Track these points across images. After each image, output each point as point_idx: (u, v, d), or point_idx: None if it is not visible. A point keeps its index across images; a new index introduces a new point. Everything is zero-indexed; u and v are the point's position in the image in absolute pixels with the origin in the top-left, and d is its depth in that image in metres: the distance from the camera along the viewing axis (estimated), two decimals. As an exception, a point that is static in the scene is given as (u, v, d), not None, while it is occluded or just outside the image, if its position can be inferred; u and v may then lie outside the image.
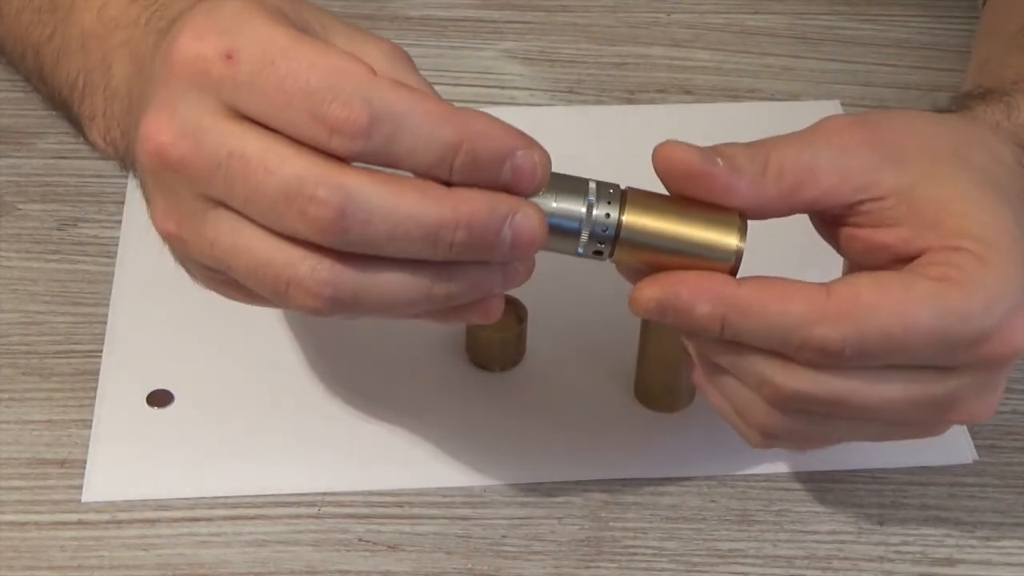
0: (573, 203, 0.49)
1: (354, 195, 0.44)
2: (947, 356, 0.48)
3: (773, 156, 0.50)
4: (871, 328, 0.47)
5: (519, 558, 0.56)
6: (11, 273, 0.66)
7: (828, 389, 0.49)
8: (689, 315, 0.49)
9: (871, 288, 0.48)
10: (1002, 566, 0.57)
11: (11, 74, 0.72)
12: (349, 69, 0.45)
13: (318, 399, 0.61)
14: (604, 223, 0.49)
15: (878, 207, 0.50)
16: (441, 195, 0.45)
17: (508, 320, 0.63)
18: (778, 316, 0.48)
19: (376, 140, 0.45)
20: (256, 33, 0.46)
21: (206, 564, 0.55)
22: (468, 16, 0.82)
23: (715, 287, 0.48)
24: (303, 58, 0.45)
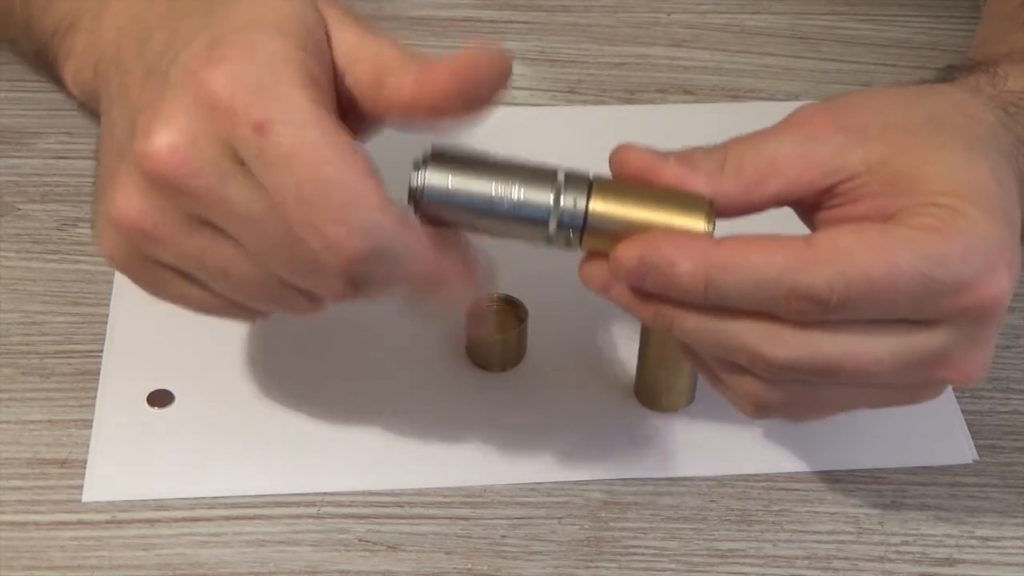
0: (541, 193, 0.49)
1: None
2: (930, 305, 0.48)
3: (731, 152, 0.50)
4: (854, 272, 0.47)
5: (519, 558, 0.56)
6: (11, 273, 0.66)
7: (819, 353, 0.48)
8: (671, 273, 0.48)
9: (851, 235, 0.48)
10: (1002, 566, 0.57)
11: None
12: (364, 194, 0.46)
13: (318, 399, 0.61)
14: (572, 212, 0.49)
15: (851, 186, 0.50)
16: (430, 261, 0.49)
17: (508, 320, 0.63)
18: (762, 268, 0.47)
19: (363, 270, 0.47)
20: (291, 111, 0.46)
21: (206, 564, 0.55)
22: (468, 16, 0.82)
23: (697, 243, 0.48)
24: (327, 166, 0.46)
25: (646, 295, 0.49)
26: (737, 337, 0.49)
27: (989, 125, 0.52)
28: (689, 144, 0.73)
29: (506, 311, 0.63)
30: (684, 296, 0.48)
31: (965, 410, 0.62)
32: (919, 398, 0.52)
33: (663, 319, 0.50)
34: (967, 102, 0.53)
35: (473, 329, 0.62)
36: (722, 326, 0.49)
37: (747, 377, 0.50)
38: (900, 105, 0.52)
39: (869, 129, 0.50)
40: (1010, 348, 0.64)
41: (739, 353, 0.49)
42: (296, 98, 0.47)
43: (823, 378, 0.49)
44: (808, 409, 0.52)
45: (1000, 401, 0.62)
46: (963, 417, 0.61)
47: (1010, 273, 0.49)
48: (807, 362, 0.49)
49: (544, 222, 0.49)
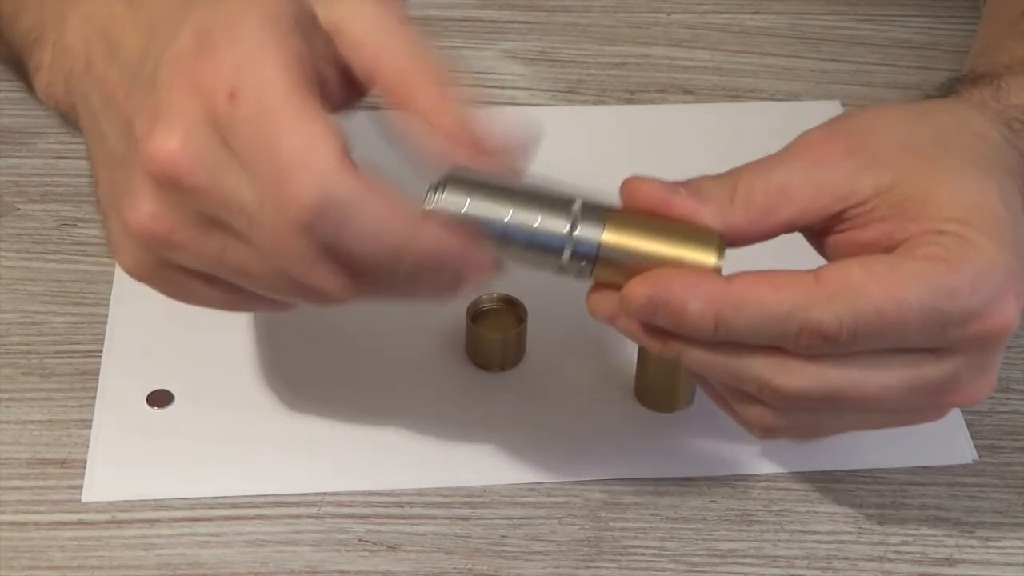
0: (556, 222, 0.49)
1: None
2: (939, 335, 0.48)
3: (742, 181, 0.50)
4: (864, 307, 0.47)
5: (519, 558, 0.56)
6: (11, 273, 0.66)
7: (828, 384, 0.49)
8: (681, 313, 0.48)
9: (860, 269, 0.48)
10: (1002, 566, 0.57)
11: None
12: (318, 150, 0.46)
13: (318, 399, 0.61)
14: (586, 242, 0.49)
15: (861, 211, 0.50)
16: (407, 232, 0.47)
17: (508, 320, 0.63)
18: (772, 305, 0.48)
19: (320, 228, 0.46)
20: (261, 77, 0.46)
21: (206, 564, 0.55)
22: (468, 16, 0.82)
23: (707, 282, 0.48)
24: (284, 123, 0.46)
25: (655, 329, 0.50)
26: (746, 369, 0.49)
27: (995, 144, 0.52)
28: (689, 144, 0.74)
29: (506, 311, 0.63)
30: (694, 334, 0.49)
31: (965, 410, 0.62)
32: (923, 420, 0.53)
33: (671, 351, 0.50)
34: (972, 120, 0.53)
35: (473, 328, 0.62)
36: (731, 360, 0.49)
37: (755, 405, 0.51)
38: (907, 125, 0.52)
39: (878, 153, 0.51)
40: (1010, 348, 0.64)
41: (748, 383, 0.50)
42: (267, 65, 0.46)
43: (831, 406, 0.50)
44: (814, 432, 0.53)
45: (1000, 401, 0.62)
46: (963, 417, 0.61)
47: (1018, 301, 0.49)
48: (815, 392, 0.49)
49: (558, 251, 0.49)
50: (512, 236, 0.49)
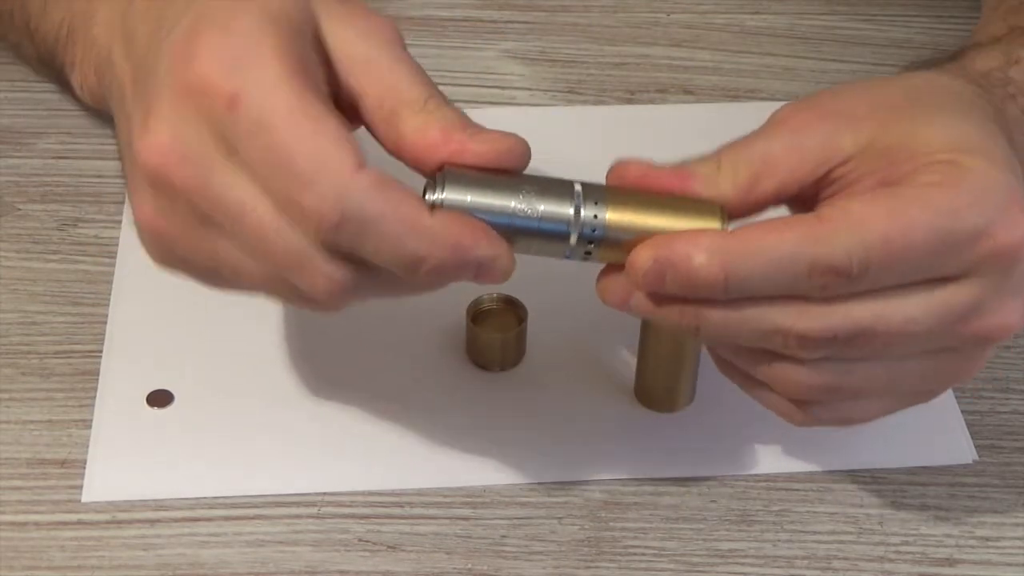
0: (561, 206, 0.49)
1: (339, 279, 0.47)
2: (951, 259, 0.48)
3: (725, 156, 0.50)
4: (870, 236, 0.47)
5: (519, 558, 0.56)
6: (11, 273, 0.66)
7: (852, 320, 0.48)
8: (688, 269, 0.48)
9: (859, 203, 0.48)
10: (1002, 566, 0.57)
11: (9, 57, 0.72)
12: (334, 159, 0.46)
13: (318, 399, 0.61)
14: (592, 224, 0.49)
15: (846, 170, 0.50)
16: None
17: (508, 320, 0.63)
18: (777, 248, 0.47)
19: (343, 236, 0.46)
20: (263, 83, 0.46)
21: (206, 564, 0.55)
22: (468, 16, 0.82)
23: (709, 236, 0.48)
24: (295, 133, 0.46)
25: (667, 299, 0.49)
26: (766, 320, 0.49)
27: (967, 95, 0.53)
28: (690, 144, 0.74)
29: (506, 311, 0.63)
30: (705, 291, 0.48)
31: (965, 410, 0.62)
32: (966, 370, 0.52)
33: (688, 318, 0.49)
34: (940, 78, 0.54)
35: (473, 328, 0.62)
36: (749, 313, 0.49)
37: (783, 364, 0.50)
38: (877, 88, 0.53)
39: (852, 113, 0.51)
40: (1010, 348, 0.64)
41: (771, 337, 0.49)
42: (268, 66, 0.46)
43: (859, 348, 0.49)
44: (853, 397, 0.51)
45: (1000, 401, 0.62)
46: (963, 417, 0.61)
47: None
48: (841, 331, 0.48)
49: (565, 235, 0.49)
50: (517, 225, 0.49)
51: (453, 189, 0.48)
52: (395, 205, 0.46)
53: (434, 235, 0.46)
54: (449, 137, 0.48)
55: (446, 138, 0.48)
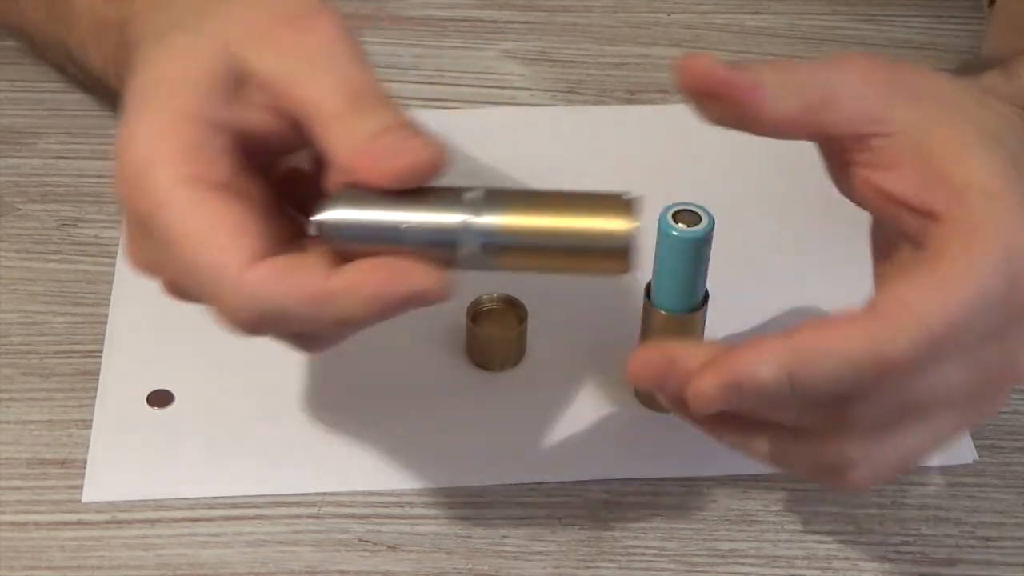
0: (449, 214, 0.47)
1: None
2: (1000, 315, 0.47)
3: (796, 73, 0.49)
4: (934, 323, 0.46)
5: (519, 558, 0.56)
6: (11, 273, 0.66)
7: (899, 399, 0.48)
8: (756, 385, 0.46)
9: (910, 291, 0.47)
10: (1002, 566, 0.57)
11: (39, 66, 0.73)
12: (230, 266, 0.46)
13: (318, 399, 0.61)
14: (484, 229, 0.47)
15: (886, 144, 0.49)
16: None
17: (508, 320, 0.63)
18: (842, 352, 0.46)
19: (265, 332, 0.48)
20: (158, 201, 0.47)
21: (206, 564, 0.56)
22: (468, 16, 0.82)
23: (769, 347, 0.47)
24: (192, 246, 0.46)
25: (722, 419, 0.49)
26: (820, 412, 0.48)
27: (1009, 121, 0.52)
28: (690, 144, 0.74)
29: (506, 311, 0.63)
30: (773, 398, 0.47)
31: (965, 410, 0.62)
32: (993, 408, 0.51)
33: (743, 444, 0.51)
34: (985, 97, 0.53)
35: (473, 328, 0.62)
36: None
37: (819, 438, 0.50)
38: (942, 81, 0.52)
39: (916, 91, 0.50)
40: (1010, 348, 0.64)
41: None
42: (163, 182, 0.47)
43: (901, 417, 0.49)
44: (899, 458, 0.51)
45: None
46: (963, 417, 0.61)
47: None
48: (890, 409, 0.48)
49: (455, 244, 0.47)
50: (407, 236, 0.47)
51: (337, 205, 0.47)
52: (296, 289, 0.46)
53: (344, 299, 0.46)
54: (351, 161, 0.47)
55: (349, 162, 0.47)
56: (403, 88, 0.77)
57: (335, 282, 0.46)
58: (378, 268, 0.46)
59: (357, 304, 0.46)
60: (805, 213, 0.70)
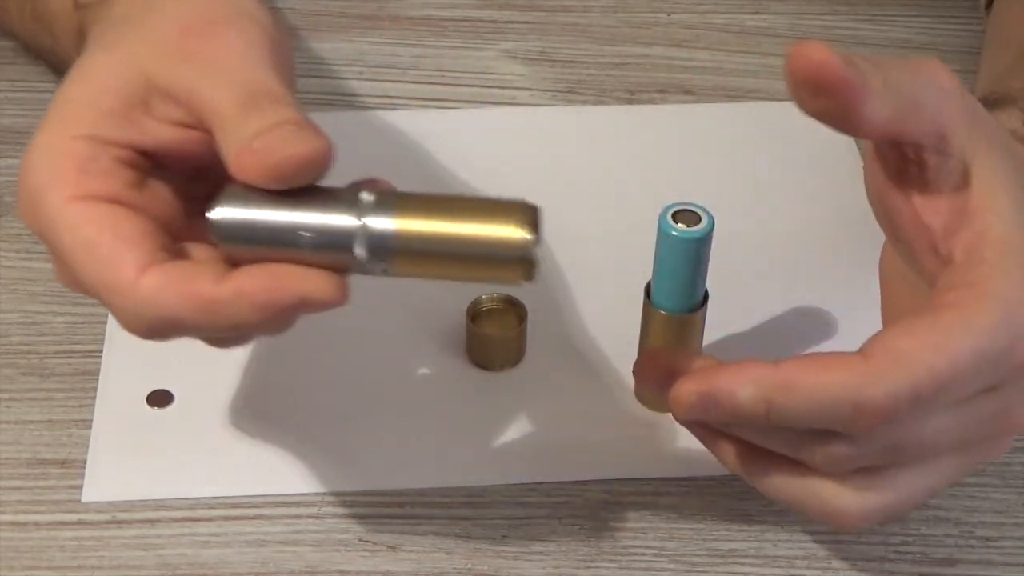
0: (344, 217, 0.46)
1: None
2: (990, 375, 0.47)
3: (890, 74, 0.47)
4: (919, 374, 0.46)
5: (519, 558, 0.56)
6: (11, 273, 0.66)
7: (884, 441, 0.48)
8: (732, 403, 0.48)
9: (903, 338, 0.47)
10: (1002, 566, 0.57)
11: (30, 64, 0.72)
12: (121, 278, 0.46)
13: (318, 399, 0.61)
14: (379, 235, 0.46)
15: (940, 164, 0.49)
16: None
17: (508, 320, 0.63)
18: (822, 388, 0.46)
19: (162, 338, 0.47)
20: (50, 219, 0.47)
21: (206, 564, 0.56)
22: (468, 16, 0.82)
23: (753, 370, 0.48)
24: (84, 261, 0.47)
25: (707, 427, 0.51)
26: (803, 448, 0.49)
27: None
28: (690, 145, 0.74)
29: (506, 311, 0.63)
30: (747, 421, 0.48)
31: (965, 410, 0.62)
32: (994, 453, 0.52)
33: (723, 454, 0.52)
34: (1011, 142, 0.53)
35: (473, 328, 0.62)
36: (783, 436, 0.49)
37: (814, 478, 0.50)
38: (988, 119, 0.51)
39: (976, 120, 0.49)
40: (1010, 348, 0.64)
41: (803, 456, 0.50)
42: (55, 204, 0.47)
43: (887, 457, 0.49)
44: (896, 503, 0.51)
45: None
46: (963, 417, 0.61)
47: None
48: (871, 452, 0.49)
49: (349, 248, 0.46)
50: (300, 240, 0.46)
51: (228, 206, 0.46)
52: (185, 298, 0.46)
53: (233, 306, 0.46)
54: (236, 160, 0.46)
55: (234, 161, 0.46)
56: (403, 88, 0.77)
57: (224, 288, 0.46)
58: (266, 273, 0.46)
59: (246, 311, 0.46)
60: (805, 213, 0.70)
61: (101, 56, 0.50)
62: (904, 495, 0.50)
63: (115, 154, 0.48)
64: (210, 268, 0.47)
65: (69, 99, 0.49)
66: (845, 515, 0.50)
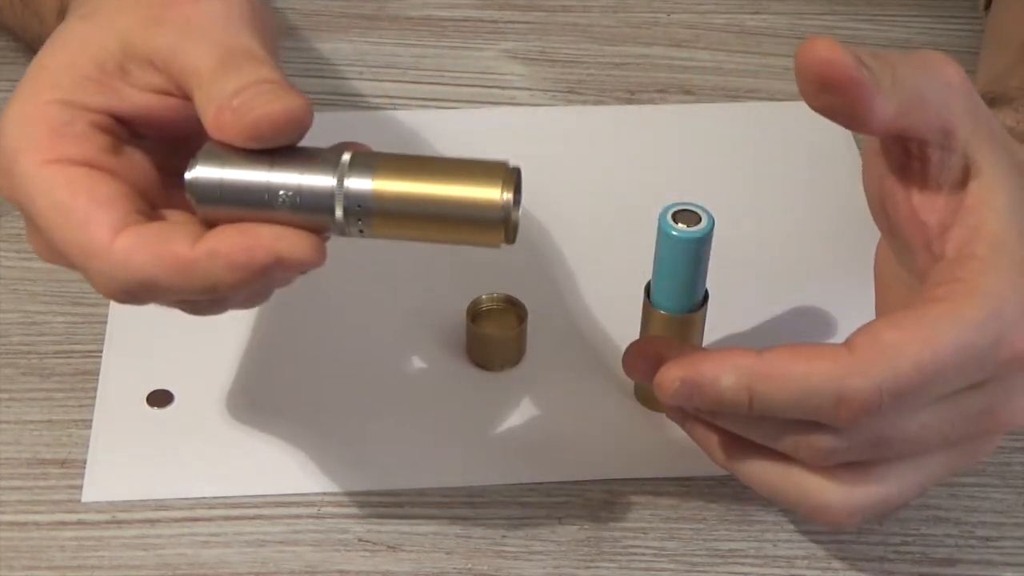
0: (321, 177, 0.45)
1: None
2: (976, 371, 0.47)
3: (898, 70, 0.47)
4: (903, 366, 0.46)
5: (519, 558, 0.56)
6: (11, 273, 0.66)
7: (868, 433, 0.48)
8: (715, 390, 0.48)
9: (889, 330, 0.47)
10: (1002, 566, 0.57)
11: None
12: (94, 240, 0.46)
13: (318, 399, 0.61)
14: (357, 195, 0.45)
15: (943, 160, 0.48)
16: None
17: (508, 320, 0.63)
18: (805, 377, 0.47)
19: (138, 301, 0.47)
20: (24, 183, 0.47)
21: (206, 564, 0.55)
22: (468, 16, 0.82)
23: (737, 357, 0.48)
24: (58, 224, 0.46)
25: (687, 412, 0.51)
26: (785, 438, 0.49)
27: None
28: (690, 145, 0.74)
29: (506, 311, 0.63)
30: (730, 409, 0.48)
31: (965, 410, 0.62)
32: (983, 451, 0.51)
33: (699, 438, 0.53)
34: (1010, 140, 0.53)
35: (473, 328, 0.62)
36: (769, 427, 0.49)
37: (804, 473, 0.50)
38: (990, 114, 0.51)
39: (979, 117, 0.49)
40: (1010, 348, 0.64)
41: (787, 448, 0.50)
42: (29, 167, 0.47)
43: (873, 452, 0.49)
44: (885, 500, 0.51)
45: None
46: (963, 417, 0.61)
47: None
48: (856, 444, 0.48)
49: (327, 208, 0.45)
50: (278, 200, 0.45)
51: (205, 166, 0.46)
52: (159, 258, 0.45)
53: (208, 266, 0.45)
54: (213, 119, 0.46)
55: (212, 120, 0.46)
56: (403, 88, 0.77)
57: (200, 248, 0.45)
58: (242, 233, 0.45)
59: (222, 271, 0.45)
60: (805, 213, 0.70)
61: (78, 24, 0.50)
62: (891, 491, 0.50)
63: (90, 119, 0.48)
64: (186, 229, 0.46)
65: (44, 65, 0.49)
66: (830, 510, 0.50)
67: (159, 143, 0.50)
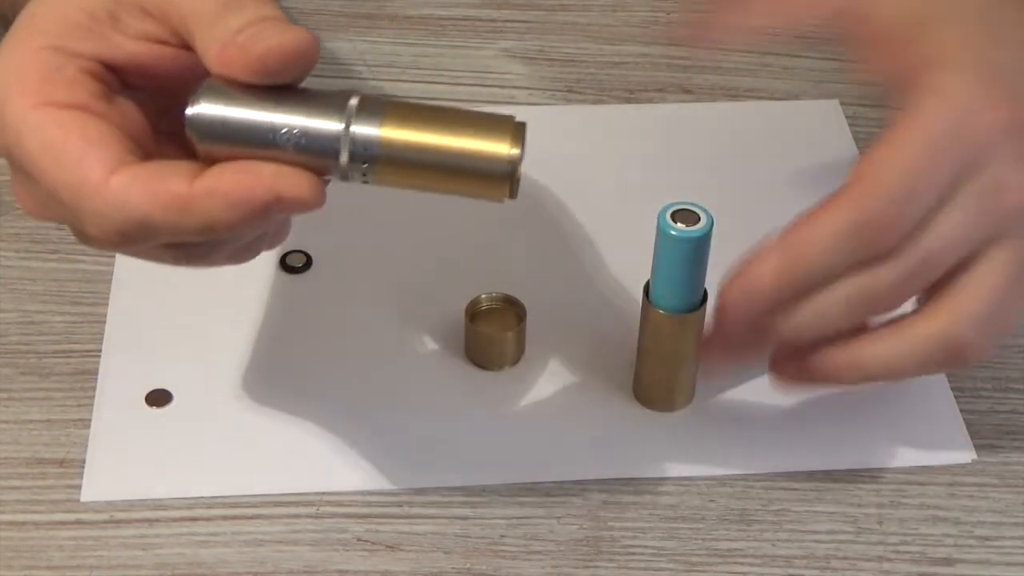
0: (329, 121, 0.45)
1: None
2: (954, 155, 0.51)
3: None
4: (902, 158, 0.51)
5: (518, 558, 0.56)
6: (11, 273, 0.66)
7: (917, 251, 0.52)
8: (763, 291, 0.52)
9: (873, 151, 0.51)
10: (1001, 566, 0.57)
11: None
12: (88, 181, 0.45)
13: (317, 399, 0.61)
14: (364, 140, 0.45)
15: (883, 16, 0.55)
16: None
17: (507, 319, 0.63)
18: (826, 225, 0.51)
19: (134, 242, 0.47)
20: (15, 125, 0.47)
21: (205, 564, 0.55)
22: (468, 15, 0.82)
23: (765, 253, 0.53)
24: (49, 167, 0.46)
25: None
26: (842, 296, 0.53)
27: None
28: (689, 144, 0.74)
29: (505, 310, 0.63)
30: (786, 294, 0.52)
31: (964, 410, 0.62)
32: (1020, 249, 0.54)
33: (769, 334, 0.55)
34: None
35: (473, 328, 0.62)
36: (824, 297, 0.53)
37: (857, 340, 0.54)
38: None
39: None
40: (1010, 348, 0.64)
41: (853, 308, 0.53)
42: (18, 111, 0.46)
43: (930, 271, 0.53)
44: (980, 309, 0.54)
45: (999, 401, 0.62)
46: (962, 417, 0.61)
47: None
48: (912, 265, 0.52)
49: (331, 152, 0.45)
50: (282, 141, 0.45)
51: (209, 102, 0.45)
52: (156, 195, 0.45)
53: (206, 203, 0.45)
54: (217, 56, 0.46)
55: (215, 57, 0.46)
56: (403, 87, 0.77)
57: (197, 186, 0.45)
58: (242, 171, 0.45)
59: (220, 208, 0.45)
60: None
61: None
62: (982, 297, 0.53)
63: (81, 65, 0.47)
64: (183, 167, 0.46)
65: (33, 14, 0.48)
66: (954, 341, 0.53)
67: (151, 96, 0.49)
